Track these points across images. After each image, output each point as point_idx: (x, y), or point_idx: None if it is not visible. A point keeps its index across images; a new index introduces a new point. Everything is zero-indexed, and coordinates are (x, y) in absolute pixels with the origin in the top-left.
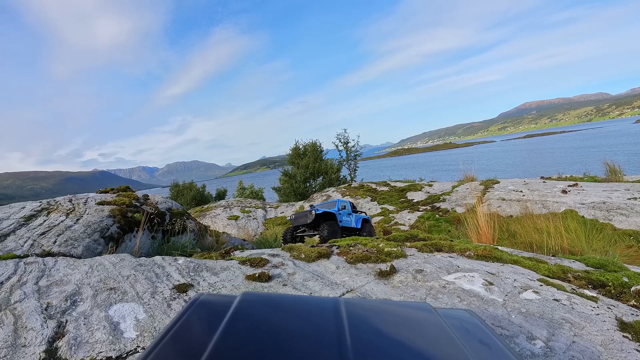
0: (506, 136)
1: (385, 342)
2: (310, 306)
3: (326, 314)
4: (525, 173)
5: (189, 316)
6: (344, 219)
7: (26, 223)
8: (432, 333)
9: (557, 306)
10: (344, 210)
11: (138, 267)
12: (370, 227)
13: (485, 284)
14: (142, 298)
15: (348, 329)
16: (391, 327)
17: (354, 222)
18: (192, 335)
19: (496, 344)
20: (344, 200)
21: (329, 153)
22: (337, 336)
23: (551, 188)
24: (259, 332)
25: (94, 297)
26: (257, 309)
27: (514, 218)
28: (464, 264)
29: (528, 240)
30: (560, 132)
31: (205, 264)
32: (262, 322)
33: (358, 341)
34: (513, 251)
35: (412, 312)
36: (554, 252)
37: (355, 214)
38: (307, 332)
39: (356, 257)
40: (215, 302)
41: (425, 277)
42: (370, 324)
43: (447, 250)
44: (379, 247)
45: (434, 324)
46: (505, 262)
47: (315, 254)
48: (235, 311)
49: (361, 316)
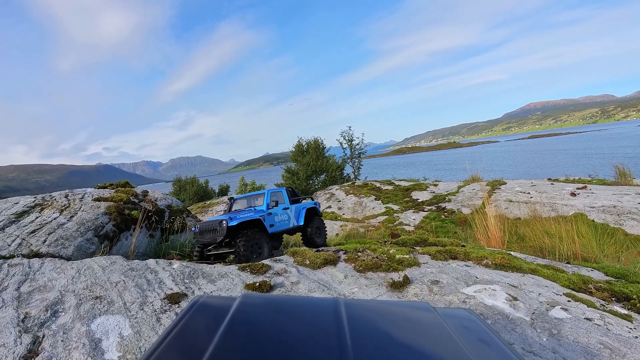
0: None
1: (386, 343)
2: (310, 307)
3: (326, 315)
4: (531, 174)
5: (190, 318)
6: (278, 220)
7: (17, 220)
8: (432, 333)
9: (591, 327)
10: (276, 208)
11: (129, 272)
12: (320, 222)
13: (508, 299)
14: (129, 310)
15: (348, 329)
16: (391, 327)
17: (294, 219)
18: (193, 337)
19: (496, 343)
20: (278, 190)
21: (331, 150)
22: (338, 337)
23: (559, 190)
24: (259, 334)
25: (77, 307)
26: (257, 311)
27: (522, 220)
28: (482, 274)
29: (538, 244)
30: (565, 134)
31: (202, 269)
32: (262, 324)
33: (358, 342)
34: (527, 257)
35: (412, 312)
36: (568, 259)
37: (296, 205)
38: (308, 334)
39: (365, 265)
40: (216, 304)
41: (442, 289)
42: (370, 324)
43: (462, 258)
44: (390, 253)
45: (434, 323)
46: (524, 272)
47: (321, 260)
48: (235, 313)
49: (361, 317)
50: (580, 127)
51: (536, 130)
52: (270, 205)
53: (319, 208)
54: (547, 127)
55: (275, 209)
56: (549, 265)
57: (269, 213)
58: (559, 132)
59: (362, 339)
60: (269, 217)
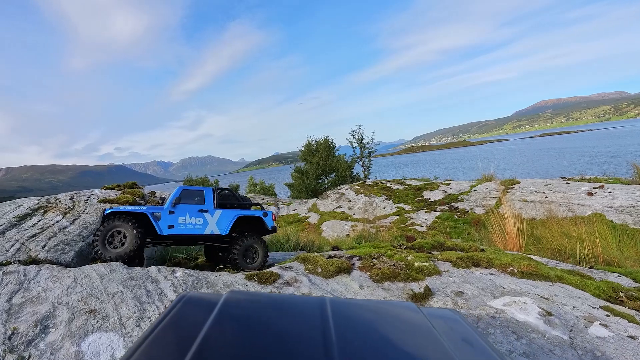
0: (521, 134)
1: (370, 341)
2: (297, 305)
3: (312, 313)
4: (545, 173)
5: (175, 315)
6: (183, 222)
7: (19, 223)
8: (416, 332)
9: (638, 348)
10: (184, 207)
11: (128, 282)
12: (258, 241)
13: (542, 313)
14: (124, 326)
15: (334, 327)
16: (376, 325)
17: (215, 225)
18: (178, 333)
19: (479, 342)
20: (196, 188)
21: (340, 149)
22: (323, 335)
23: (575, 190)
24: (245, 331)
25: (68, 322)
26: (243, 308)
27: (538, 221)
28: (509, 283)
29: (556, 246)
30: (577, 131)
31: (207, 278)
32: (247, 321)
33: (343, 340)
34: (549, 262)
35: (397, 312)
36: (589, 262)
37: (225, 210)
38: (293, 331)
39: (382, 274)
40: (201, 301)
41: (467, 302)
42: (355, 322)
43: (485, 265)
44: (408, 260)
45: (419, 323)
46: (552, 280)
47: (334, 268)
48: (221, 309)
49: (347, 315)
50: (593, 125)
51: (547, 128)
52: (173, 202)
53: (268, 221)
54: (559, 125)
55: (180, 208)
56: (574, 271)
57: (170, 211)
58: (571, 130)
59: (347, 336)
60: (167, 215)
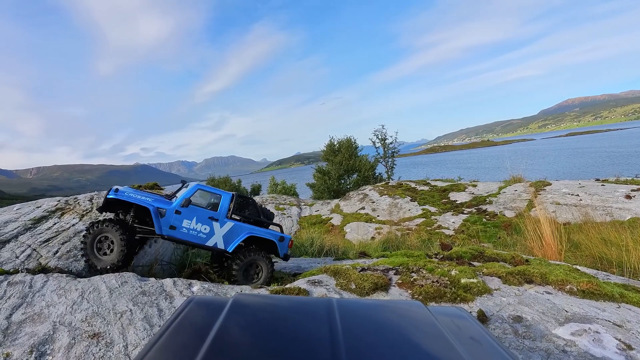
0: (547, 134)
1: (379, 341)
2: (304, 306)
3: (319, 315)
4: (575, 174)
5: (182, 319)
6: (187, 226)
7: (33, 226)
8: (424, 330)
9: None
10: (192, 207)
11: (139, 298)
12: (265, 262)
13: (621, 347)
14: (129, 357)
15: (341, 329)
16: (384, 325)
17: (221, 238)
18: (186, 337)
19: (487, 340)
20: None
21: (363, 149)
22: (330, 336)
23: (612, 192)
24: (253, 333)
25: (68, 349)
26: (250, 311)
27: (573, 225)
28: (571, 305)
29: (597, 253)
30: (605, 131)
31: (227, 293)
32: (256, 323)
33: (351, 341)
34: (598, 273)
35: (404, 311)
36: (637, 272)
37: (237, 223)
38: (301, 331)
39: (426, 293)
40: (209, 304)
41: (529, 330)
42: (363, 323)
43: (539, 282)
44: (452, 275)
45: (427, 322)
46: (617, 300)
47: (370, 285)
48: (229, 312)
49: (354, 316)
50: (623, 124)
51: (574, 128)
52: (182, 203)
53: (282, 248)
54: (586, 124)
55: (189, 210)
56: (628, 285)
57: (177, 211)
58: (599, 130)
59: (355, 338)
60: (172, 215)
